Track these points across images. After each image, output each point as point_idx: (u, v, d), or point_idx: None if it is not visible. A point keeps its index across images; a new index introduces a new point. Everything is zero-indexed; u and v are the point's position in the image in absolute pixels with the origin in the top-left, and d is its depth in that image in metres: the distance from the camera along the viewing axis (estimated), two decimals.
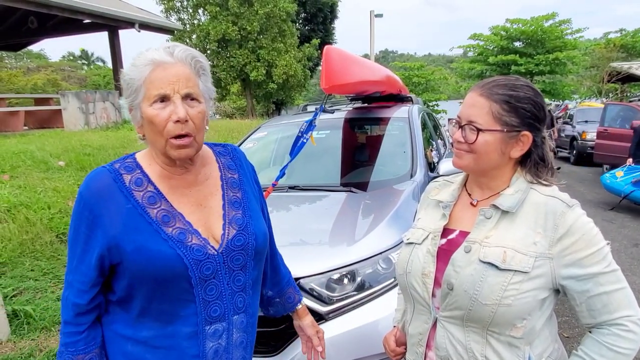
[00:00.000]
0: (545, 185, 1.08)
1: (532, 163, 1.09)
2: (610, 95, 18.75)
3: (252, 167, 1.31)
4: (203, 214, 1.12)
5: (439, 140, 4.55)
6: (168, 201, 1.09)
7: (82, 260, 1.06)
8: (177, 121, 1.01)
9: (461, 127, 1.07)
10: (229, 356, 1.13)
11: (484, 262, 1.01)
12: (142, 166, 1.10)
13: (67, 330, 1.08)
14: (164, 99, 1.02)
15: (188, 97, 1.04)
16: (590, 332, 1.04)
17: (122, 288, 1.07)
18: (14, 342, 2.82)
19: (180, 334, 1.07)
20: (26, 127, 11.86)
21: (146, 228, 1.04)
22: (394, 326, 1.37)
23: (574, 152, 11.86)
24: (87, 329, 1.09)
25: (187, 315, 1.07)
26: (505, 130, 1.03)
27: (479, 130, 1.04)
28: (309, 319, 1.47)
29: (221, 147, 1.28)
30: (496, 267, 1.00)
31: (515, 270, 0.99)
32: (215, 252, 1.08)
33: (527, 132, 1.04)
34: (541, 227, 1.01)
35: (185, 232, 1.06)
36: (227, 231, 1.12)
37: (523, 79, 1.10)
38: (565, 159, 12.50)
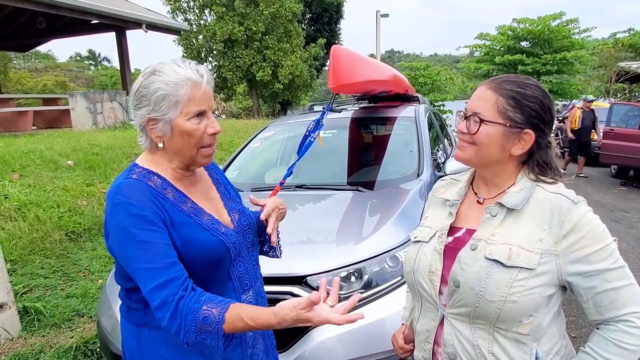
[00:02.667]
0: (551, 182, 1.08)
1: (535, 164, 1.09)
2: (618, 95, 18.61)
3: (219, 168, 1.48)
4: (212, 205, 1.28)
5: (446, 140, 4.55)
6: (190, 198, 1.21)
7: (157, 241, 1.07)
8: (214, 133, 1.17)
9: (466, 118, 1.09)
10: None
11: (490, 260, 1.02)
12: (157, 172, 1.18)
13: (170, 297, 1.03)
14: (200, 114, 1.14)
15: (213, 112, 1.20)
16: (597, 328, 1.04)
17: None
18: (25, 338, 2.86)
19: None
20: (35, 127, 11.97)
21: (188, 221, 1.15)
22: (402, 324, 1.38)
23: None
24: (192, 284, 1.07)
25: (228, 292, 1.22)
26: (507, 124, 1.04)
27: (481, 121, 1.05)
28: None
29: None
30: (502, 264, 1.01)
31: (521, 267, 0.99)
32: (237, 234, 1.26)
33: (529, 131, 1.05)
34: (547, 224, 1.02)
35: (214, 222, 1.21)
36: (233, 216, 1.30)
37: (534, 80, 1.11)
38: (573, 160, 12.40)
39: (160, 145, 1.17)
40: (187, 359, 1.16)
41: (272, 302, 1.84)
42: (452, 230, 1.16)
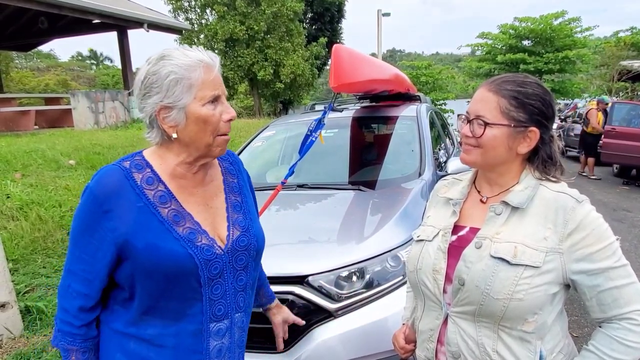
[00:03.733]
0: (554, 181, 1.08)
1: (540, 160, 1.10)
2: (621, 94, 18.54)
3: (248, 174, 1.37)
4: (209, 214, 1.15)
5: (447, 139, 4.54)
6: (178, 201, 1.10)
7: (86, 252, 1.06)
8: (229, 120, 1.10)
9: (469, 121, 1.09)
10: (232, 355, 1.17)
11: (495, 258, 1.02)
12: (152, 165, 1.11)
13: (65, 318, 1.08)
14: (215, 99, 1.07)
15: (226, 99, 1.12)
16: (600, 326, 1.04)
17: (129, 286, 1.08)
18: (27, 337, 2.87)
19: (185, 332, 1.09)
20: (37, 127, 12.00)
21: (158, 227, 1.05)
22: (403, 324, 1.38)
23: (582, 151, 11.73)
24: (86, 324, 1.09)
25: (194, 313, 1.09)
26: (512, 125, 1.04)
27: (486, 124, 1.05)
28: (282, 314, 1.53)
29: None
30: (507, 262, 1.01)
31: (526, 265, 0.99)
32: (222, 252, 1.11)
33: (534, 128, 1.05)
34: (551, 223, 1.02)
35: (195, 232, 1.08)
36: (231, 232, 1.15)
37: (532, 77, 1.11)
38: (575, 158, 12.39)
39: (175, 135, 1.07)
40: (155, 353, 1.10)
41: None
42: (455, 229, 1.15)
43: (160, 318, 1.08)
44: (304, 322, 1.57)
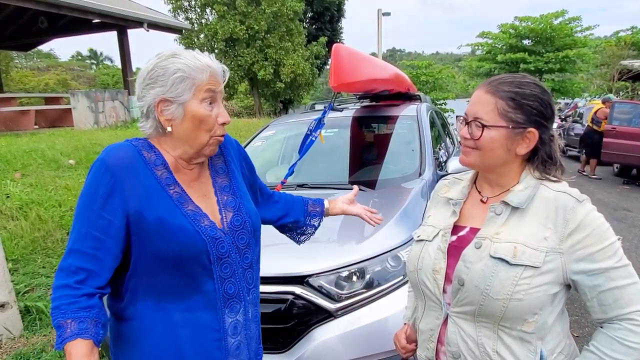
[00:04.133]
0: (555, 181, 1.08)
1: (540, 160, 1.09)
2: (621, 93, 18.54)
3: (238, 144, 1.40)
4: (208, 204, 1.19)
5: (447, 139, 4.54)
6: (181, 186, 1.15)
7: (97, 228, 1.03)
8: (224, 123, 1.16)
9: (467, 123, 1.08)
10: (248, 332, 1.22)
11: (495, 258, 1.02)
12: (158, 150, 1.15)
13: (60, 293, 1.01)
14: (212, 100, 1.13)
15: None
16: (601, 327, 1.04)
17: (142, 264, 1.08)
18: (27, 337, 2.87)
19: (200, 309, 1.13)
20: (37, 126, 12.01)
21: (168, 201, 1.10)
22: (405, 323, 1.38)
23: (584, 151, 11.73)
24: (83, 296, 1.01)
25: (206, 291, 1.13)
26: (510, 126, 1.04)
27: (484, 126, 1.05)
28: (341, 204, 1.66)
29: None
30: (507, 262, 1.00)
31: (526, 265, 0.99)
32: (224, 235, 1.16)
33: (533, 129, 1.05)
34: (551, 223, 1.02)
35: (197, 214, 1.13)
36: (224, 215, 1.20)
37: (530, 77, 1.10)
38: (575, 158, 12.39)
39: (169, 129, 1.12)
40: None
41: (274, 302, 1.85)
42: (455, 229, 1.15)
43: (174, 296, 1.11)
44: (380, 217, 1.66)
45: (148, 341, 1.11)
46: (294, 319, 1.85)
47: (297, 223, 1.58)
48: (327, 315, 1.87)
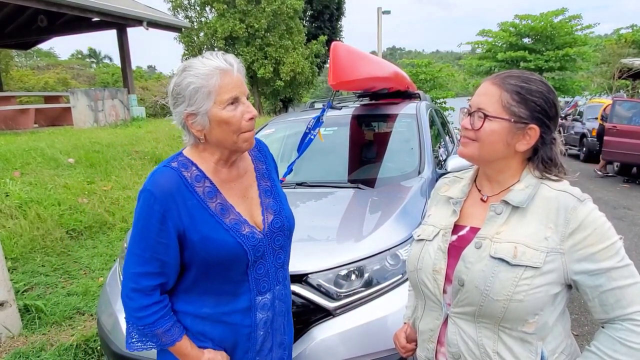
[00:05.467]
0: (556, 180, 1.07)
1: (539, 160, 1.08)
2: (621, 91, 18.51)
3: (273, 157, 1.48)
4: (247, 204, 1.28)
5: (447, 137, 4.53)
6: (222, 194, 1.23)
7: (158, 251, 1.15)
8: (251, 118, 1.19)
9: (470, 114, 1.08)
10: (275, 324, 1.33)
11: (495, 258, 1.01)
12: (197, 163, 1.23)
13: (152, 310, 1.17)
14: (234, 101, 1.16)
15: (247, 97, 1.21)
16: (602, 327, 1.03)
17: (187, 271, 1.22)
18: (26, 336, 2.86)
19: (236, 310, 1.24)
20: (36, 125, 11.98)
21: (209, 220, 1.18)
22: (404, 323, 1.37)
23: (584, 149, 11.73)
24: (168, 302, 1.22)
25: (242, 292, 1.24)
26: (512, 120, 1.03)
27: (485, 116, 1.04)
28: None
29: None
30: (507, 262, 0.99)
31: (527, 266, 0.98)
32: (262, 236, 1.25)
33: (534, 126, 1.04)
34: (552, 222, 1.01)
35: (238, 222, 1.22)
36: (266, 217, 1.29)
37: (538, 75, 1.09)
38: (575, 157, 12.38)
39: (202, 138, 1.20)
40: (210, 327, 1.24)
41: None
42: (456, 228, 1.14)
43: (215, 298, 1.23)
44: None
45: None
46: (292, 317, 1.85)
47: None
48: (326, 314, 1.86)
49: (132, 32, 12.18)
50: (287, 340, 1.42)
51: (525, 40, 18.52)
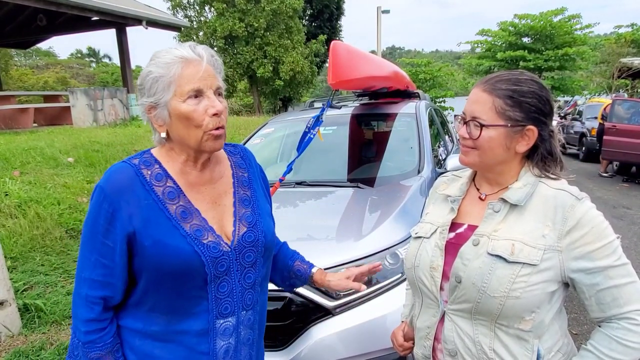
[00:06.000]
0: (554, 178, 1.07)
1: (540, 157, 1.09)
2: (621, 91, 18.52)
3: (261, 168, 1.34)
4: (217, 211, 1.14)
5: (447, 137, 4.53)
6: (186, 197, 1.10)
7: (103, 254, 1.04)
8: (215, 114, 1.05)
9: (466, 123, 1.07)
10: (238, 355, 1.14)
11: (492, 255, 1.01)
12: (161, 162, 1.11)
13: (90, 328, 1.04)
14: (197, 94, 1.04)
15: (217, 93, 1.08)
16: (599, 326, 1.03)
17: (137, 282, 1.07)
18: (26, 335, 2.86)
19: (191, 331, 1.07)
20: (35, 124, 11.98)
21: (165, 223, 1.04)
22: (402, 321, 1.37)
23: (583, 148, 11.74)
24: (109, 323, 1.07)
25: (199, 312, 1.07)
26: (509, 125, 1.03)
27: (482, 125, 1.04)
28: (331, 278, 1.41)
29: (232, 147, 1.30)
30: (504, 259, 1.00)
31: (524, 263, 0.98)
32: (229, 249, 1.09)
33: (532, 127, 1.04)
34: (550, 220, 1.01)
35: (201, 229, 1.07)
36: (237, 228, 1.13)
37: (528, 73, 1.09)
38: (575, 156, 12.39)
39: (163, 134, 1.09)
40: (159, 349, 1.09)
41: (273, 300, 1.84)
42: (453, 226, 1.15)
43: (166, 315, 1.07)
44: (364, 287, 1.38)
45: None
46: (292, 316, 1.85)
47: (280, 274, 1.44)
48: (325, 313, 1.87)
49: (131, 31, 12.17)
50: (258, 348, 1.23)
51: (525, 39, 18.54)
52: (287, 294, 1.86)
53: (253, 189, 1.23)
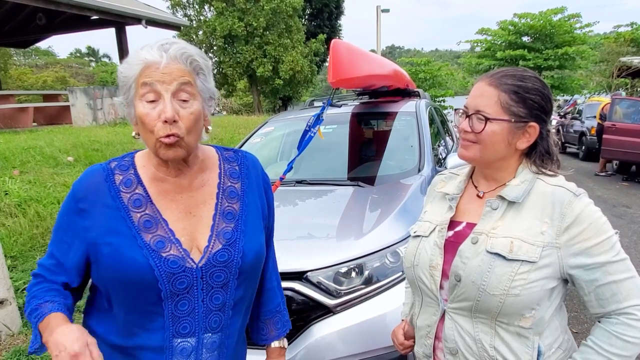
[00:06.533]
0: (551, 175, 1.07)
1: (538, 154, 1.09)
2: (621, 89, 18.53)
3: (265, 177, 1.21)
4: (190, 222, 1.06)
5: (447, 135, 4.53)
6: (154, 205, 1.04)
7: (60, 248, 1.06)
8: (165, 121, 0.96)
9: (468, 116, 1.07)
10: None
11: (491, 253, 1.01)
12: (137, 166, 1.07)
13: (29, 295, 1.04)
14: (154, 98, 0.97)
15: (179, 97, 0.98)
16: (599, 321, 1.03)
17: (97, 291, 1.08)
18: (26, 334, 2.86)
19: (146, 347, 1.02)
20: (35, 124, 11.97)
21: (125, 232, 1.00)
22: (402, 320, 1.37)
23: (583, 147, 11.74)
24: (59, 283, 1.05)
25: (154, 329, 1.01)
26: (513, 120, 1.03)
27: (487, 119, 1.03)
28: None
29: (231, 153, 1.20)
30: (503, 257, 1.00)
31: (523, 260, 0.99)
32: (194, 266, 1.01)
33: (534, 124, 1.04)
34: (548, 217, 1.01)
35: (164, 241, 1.01)
36: (211, 244, 1.04)
37: (531, 71, 1.09)
38: (574, 155, 12.39)
39: (133, 134, 1.05)
40: None
41: None
42: (452, 224, 1.15)
43: (122, 328, 1.03)
44: None
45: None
46: (292, 314, 1.85)
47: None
48: (326, 311, 1.87)
49: (130, 30, 12.15)
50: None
51: (525, 38, 18.52)
52: (288, 292, 1.86)
53: (244, 202, 1.12)
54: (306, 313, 1.87)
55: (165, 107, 0.96)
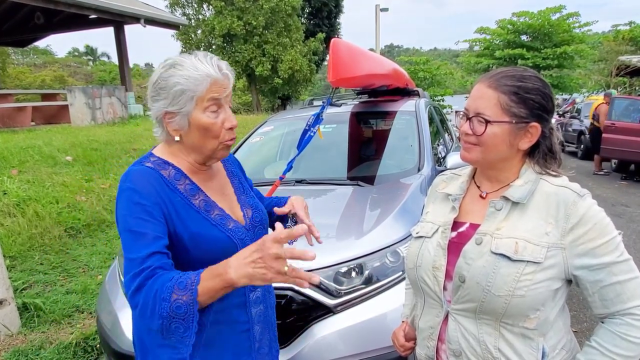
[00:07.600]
0: (555, 175, 1.07)
1: (541, 154, 1.08)
2: (619, 89, 18.54)
3: (231, 155, 1.46)
4: (226, 200, 1.27)
5: (446, 135, 4.53)
6: (203, 191, 1.21)
7: (145, 226, 1.04)
8: (231, 128, 1.17)
9: (469, 119, 1.06)
10: (268, 318, 1.33)
11: (496, 254, 1.01)
12: (172, 162, 1.19)
13: (146, 269, 1.00)
14: (217, 108, 1.14)
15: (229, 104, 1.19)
16: (602, 322, 1.03)
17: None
18: (25, 334, 2.86)
19: (230, 306, 1.20)
20: (33, 123, 11.92)
21: (196, 216, 1.15)
22: (402, 321, 1.37)
23: (582, 146, 11.75)
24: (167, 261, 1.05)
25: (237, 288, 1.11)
26: (514, 121, 1.03)
27: (487, 121, 1.03)
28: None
29: None
30: (508, 258, 0.99)
31: (528, 261, 0.98)
32: (246, 230, 1.24)
33: (535, 124, 1.04)
34: (552, 218, 1.01)
35: (224, 217, 1.20)
36: (245, 212, 1.29)
37: (531, 70, 1.09)
38: (573, 154, 12.40)
39: (177, 138, 1.17)
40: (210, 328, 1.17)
41: (275, 298, 1.84)
42: (455, 225, 1.14)
43: None
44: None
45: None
46: (293, 314, 1.85)
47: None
48: (326, 311, 1.86)
49: (129, 29, 12.14)
50: (275, 337, 1.41)
51: (523, 37, 18.52)
52: (288, 292, 1.86)
53: (239, 177, 1.40)
54: (306, 313, 1.86)
55: (229, 117, 1.17)
